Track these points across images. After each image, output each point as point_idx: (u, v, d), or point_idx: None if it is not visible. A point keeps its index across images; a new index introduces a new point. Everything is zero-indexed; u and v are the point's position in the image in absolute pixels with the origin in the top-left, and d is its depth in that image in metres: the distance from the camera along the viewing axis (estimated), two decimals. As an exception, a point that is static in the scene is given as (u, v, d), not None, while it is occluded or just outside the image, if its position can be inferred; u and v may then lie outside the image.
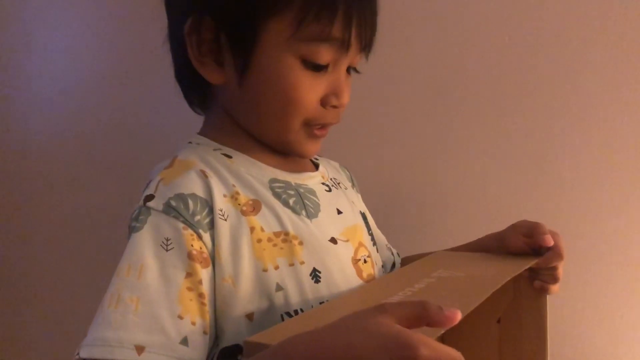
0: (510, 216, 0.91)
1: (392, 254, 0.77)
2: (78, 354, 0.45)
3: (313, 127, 0.59)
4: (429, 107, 0.98)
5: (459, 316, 0.34)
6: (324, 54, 0.55)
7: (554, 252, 0.62)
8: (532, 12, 0.91)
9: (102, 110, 1.17)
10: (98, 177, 1.18)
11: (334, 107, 0.59)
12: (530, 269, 0.62)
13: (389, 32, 0.63)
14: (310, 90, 0.56)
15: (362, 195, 0.79)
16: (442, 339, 0.62)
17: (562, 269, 0.63)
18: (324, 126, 0.61)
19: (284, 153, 0.62)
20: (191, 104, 0.64)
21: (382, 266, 0.69)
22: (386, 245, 0.77)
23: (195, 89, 0.62)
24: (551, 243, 0.61)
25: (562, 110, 0.91)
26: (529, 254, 0.63)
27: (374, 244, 0.70)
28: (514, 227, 0.67)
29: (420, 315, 0.34)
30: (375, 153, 1.02)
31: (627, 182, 0.89)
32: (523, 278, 0.65)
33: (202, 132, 0.63)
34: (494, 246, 0.68)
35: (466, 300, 0.41)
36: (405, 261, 0.79)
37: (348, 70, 0.61)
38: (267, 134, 0.60)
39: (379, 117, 1.00)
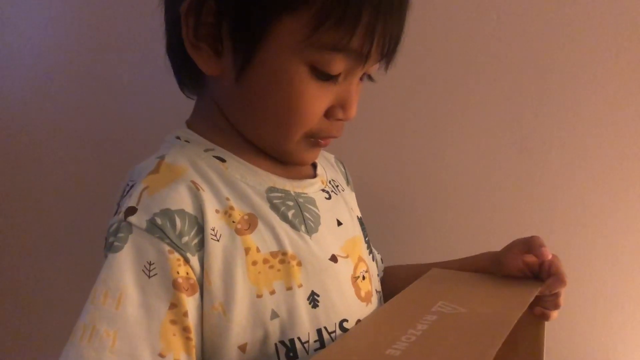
0: (508, 221, 0.90)
1: (376, 260, 0.74)
2: None
3: (316, 138, 0.54)
4: (427, 105, 0.93)
5: None
6: (338, 65, 0.49)
7: (557, 278, 0.59)
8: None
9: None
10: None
11: (339, 119, 0.54)
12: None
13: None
14: (315, 101, 0.50)
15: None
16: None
17: (564, 295, 0.61)
18: (327, 137, 0.56)
19: (279, 160, 0.57)
20: (181, 83, 0.58)
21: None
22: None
23: (187, 69, 0.55)
24: (549, 256, 0.60)
25: (561, 111, 0.87)
26: (528, 277, 0.62)
27: (370, 251, 0.66)
28: (510, 248, 0.65)
29: None
30: (368, 152, 0.97)
31: (625, 182, 0.86)
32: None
33: (192, 124, 0.57)
34: (491, 268, 0.65)
35: (477, 352, 0.39)
36: (391, 273, 0.76)
37: (361, 77, 0.55)
38: (261, 139, 0.55)
39: (374, 113, 0.95)
